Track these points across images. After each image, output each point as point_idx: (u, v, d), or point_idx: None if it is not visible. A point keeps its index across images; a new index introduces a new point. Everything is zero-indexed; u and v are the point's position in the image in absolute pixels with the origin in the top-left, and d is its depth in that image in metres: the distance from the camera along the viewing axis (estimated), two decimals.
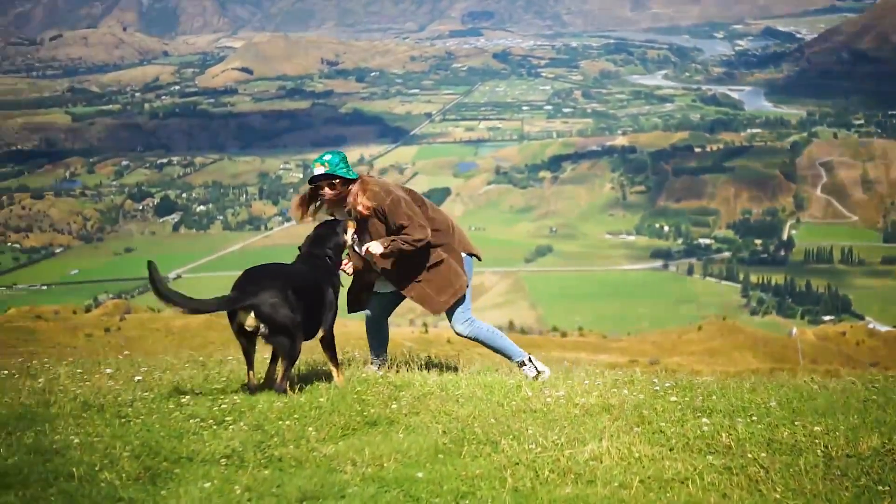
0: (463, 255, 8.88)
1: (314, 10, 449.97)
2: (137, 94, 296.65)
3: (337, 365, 8.21)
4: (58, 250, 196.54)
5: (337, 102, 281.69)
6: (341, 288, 8.38)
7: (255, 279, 7.58)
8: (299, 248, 8.35)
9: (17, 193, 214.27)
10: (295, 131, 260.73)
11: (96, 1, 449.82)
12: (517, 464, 5.94)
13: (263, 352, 8.00)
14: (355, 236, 8.47)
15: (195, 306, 7.43)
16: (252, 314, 7.43)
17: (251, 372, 7.77)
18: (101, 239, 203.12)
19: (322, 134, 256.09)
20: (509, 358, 9.05)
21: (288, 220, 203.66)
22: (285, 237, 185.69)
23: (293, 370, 7.94)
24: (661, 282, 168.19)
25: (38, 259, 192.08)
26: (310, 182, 8.55)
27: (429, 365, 9.52)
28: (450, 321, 8.91)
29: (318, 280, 7.94)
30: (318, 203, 8.64)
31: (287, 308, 7.47)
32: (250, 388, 7.68)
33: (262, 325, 7.46)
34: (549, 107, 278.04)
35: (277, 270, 7.76)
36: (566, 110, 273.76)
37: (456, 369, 9.34)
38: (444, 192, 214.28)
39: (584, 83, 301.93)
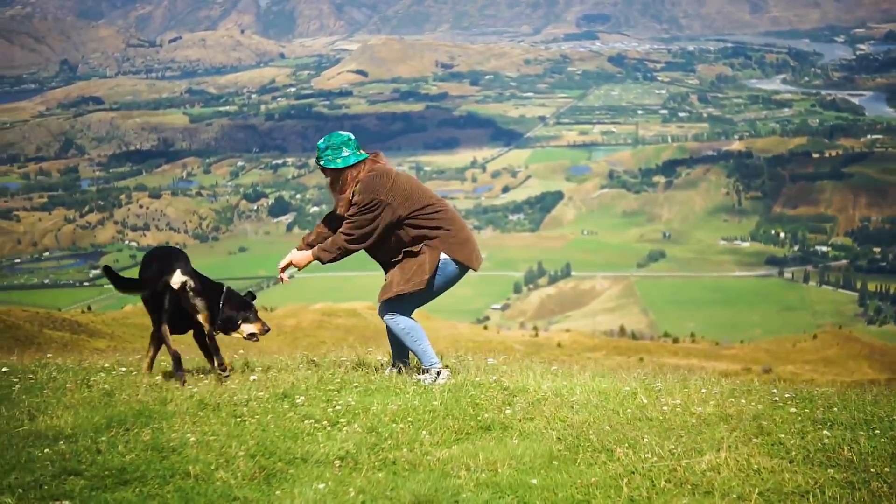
0: (443, 256, 8.16)
1: (429, 14, 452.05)
2: (254, 96, 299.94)
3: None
4: None
5: (451, 105, 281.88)
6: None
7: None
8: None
9: (135, 192, 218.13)
10: (408, 133, 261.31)
11: (215, 4, 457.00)
12: (633, 473, 5.89)
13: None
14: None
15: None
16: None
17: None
18: (216, 238, 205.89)
19: (435, 136, 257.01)
20: (421, 360, 8.37)
21: None
22: None
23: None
24: (776, 289, 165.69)
25: None
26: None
27: (542, 370, 9.43)
28: (379, 302, 8.35)
29: None
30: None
31: None
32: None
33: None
34: (665, 111, 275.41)
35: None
36: (682, 114, 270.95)
37: (569, 375, 9.25)
38: (557, 196, 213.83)
39: (701, 87, 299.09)
